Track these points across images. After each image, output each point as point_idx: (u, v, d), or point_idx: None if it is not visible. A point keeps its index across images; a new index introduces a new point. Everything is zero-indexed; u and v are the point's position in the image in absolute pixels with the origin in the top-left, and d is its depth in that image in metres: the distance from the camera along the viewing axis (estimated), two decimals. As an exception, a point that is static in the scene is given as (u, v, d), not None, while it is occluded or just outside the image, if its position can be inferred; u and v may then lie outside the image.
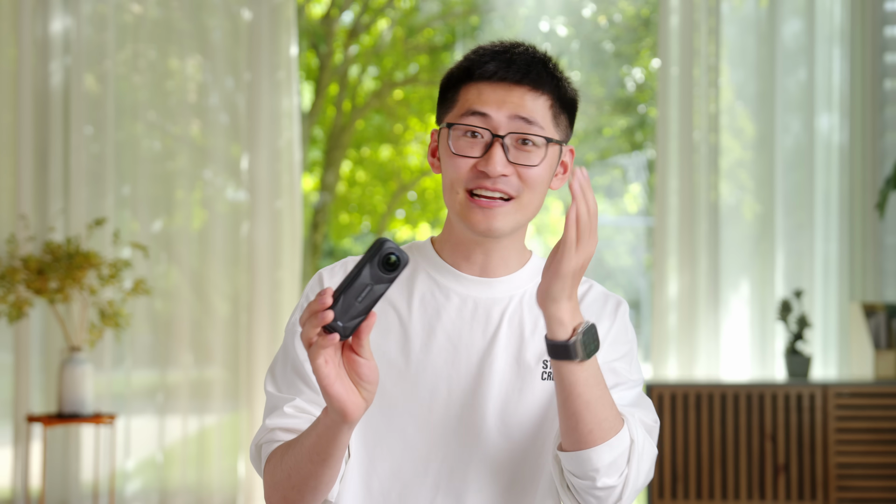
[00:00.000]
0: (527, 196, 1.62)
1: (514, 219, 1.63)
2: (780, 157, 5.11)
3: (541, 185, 1.63)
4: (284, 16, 5.18)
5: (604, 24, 7.35)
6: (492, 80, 1.61)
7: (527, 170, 1.61)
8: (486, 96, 1.61)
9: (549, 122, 1.63)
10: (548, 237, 8.47)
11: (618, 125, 8.01)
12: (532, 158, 1.61)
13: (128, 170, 5.17)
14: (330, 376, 1.39)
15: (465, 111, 1.61)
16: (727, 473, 4.50)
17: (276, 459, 1.58)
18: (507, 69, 1.61)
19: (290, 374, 1.66)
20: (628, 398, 1.65)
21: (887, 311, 4.76)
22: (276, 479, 1.57)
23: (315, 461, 1.51)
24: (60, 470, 5.03)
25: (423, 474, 1.64)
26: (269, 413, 1.65)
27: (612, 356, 1.67)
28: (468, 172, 1.61)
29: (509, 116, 1.60)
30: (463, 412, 1.64)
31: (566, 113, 1.67)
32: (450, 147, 1.62)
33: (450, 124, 1.63)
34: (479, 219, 1.61)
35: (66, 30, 5.08)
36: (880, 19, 5.14)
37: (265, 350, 5.13)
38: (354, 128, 8.69)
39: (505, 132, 1.60)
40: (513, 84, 1.61)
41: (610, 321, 1.69)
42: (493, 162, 1.59)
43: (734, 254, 5.12)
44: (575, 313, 1.48)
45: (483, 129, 1.60)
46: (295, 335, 1.68)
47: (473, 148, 1.61)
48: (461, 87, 1.64)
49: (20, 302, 4.52)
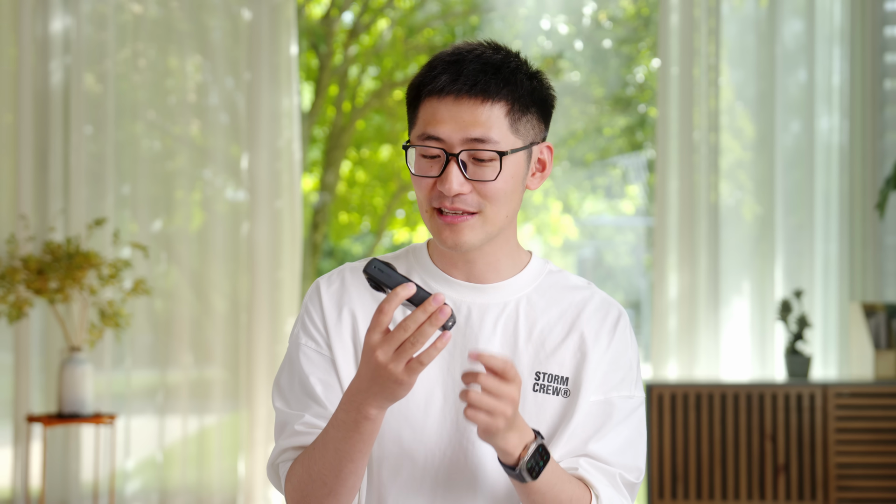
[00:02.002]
0: (490, 210, 1.62)
1: (483, 231, 1.63)
2: (780, 156, 5.11)
3: (503, 196, 1.62)
4: (284, 16, 5.18)
5: (605, 23, 7.35)
6: (441, 94, 1.60)
7: (484, 185, 1.60)
8: (440, 115, 1.60)
9: (507, 131, 1.61)
10: (548, 237, 8.47)
11: (618, 125, 8.01)
12: (488, 174, 1.60)
13: (128, 169, 5.17)
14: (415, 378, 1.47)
15: (421, 133, 1.62)
16: (727, 473, 4.50)
17: (299, 475, 1.60)
18: (454, 82, 1.60)
19: (297, 390, 1.67)
20: (618, 441, 1.66)
21: (887, 311, 4.76)
22: (305, 491, 1.59)
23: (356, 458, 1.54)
24: (60, 470, 5.03)
25: (420, 479, 1.64)
26: (280, 431, 1.66)
27: (610, 384, 1.67)
28: (430, 192, 1.62)
29: (462, 136, 1.59)
30: (459, 417, 1.64)
31: (534, 111, 1.64)
32: (411, 169, 1.65)
33: (406, 146, 1.65)
34: (446, 235, 1.62)
35: (66, 29, 5.08)
36: (880, 19, 5.14)
37: (265, 350, 5.13)
38: (354, 128, 8.69)
39: (458, 150, 1.60)
40: (462, 97, 1.60)
41: (608, 340, 1.68)
42: (448, 181, 1.59)
43: (734, 254, 5.12)
44: (521, 437, 1.52)
45: (438, 150, 1.61)
46: (299, 348, 1.68)
47: (432, 168, 1.62)
48: (418, 103, 1.64)
49: (20, 302, 4.52)
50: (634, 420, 1.67)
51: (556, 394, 1.65)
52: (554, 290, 1.71)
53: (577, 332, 1.67)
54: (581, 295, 1.71)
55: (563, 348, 1.66)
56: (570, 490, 1.58)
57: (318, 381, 1.65)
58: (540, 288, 1.70)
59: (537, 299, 1.69)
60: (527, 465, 1.51)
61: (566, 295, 1.70)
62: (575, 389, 1.65)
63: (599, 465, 1.63)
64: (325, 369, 1.66)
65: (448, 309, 1.42)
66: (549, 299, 1.69)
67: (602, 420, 1.64)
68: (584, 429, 1.64)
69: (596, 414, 1.64)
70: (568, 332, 1.67)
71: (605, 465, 1.64)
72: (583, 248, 8.80)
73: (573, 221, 8.58)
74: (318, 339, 1.68)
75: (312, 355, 1.67)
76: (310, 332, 1.69)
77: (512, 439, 1.50)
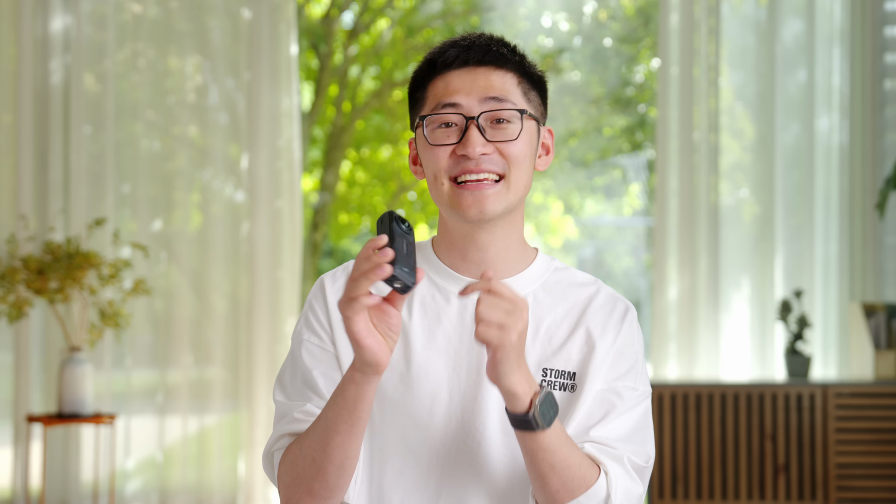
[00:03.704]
0: (514, 174, 1.62)
1: (506, 199, 1.62)
2: (780, 157, 5.11)
3: (525, 160, 1.63)
4: (284, 15, 5.18)
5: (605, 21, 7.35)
6: (455, 66, 1.62)
7: (507, 146, 1.61)
8: (454, 85, 1.61)
9: (521, 97, 1.63)
10: (548, 237, 8.47)
11: (618, 125, 8.01)
12: (510, 133, 1.61)
13: (127, 169, 5.17)
14: (363, 331, 1.43)
15: (436, 104, 1.62)
16: (727, 473, 4.50)
17: (293, 453, 1.58)
18: (467, 52, 1.63)
19: (298, 384, 1.66)
20: (624, 428, 1.63)
21: (887, 311, 4.76)
22: (297, 471, 1.57)
23: (343, 430, 1.51)
24: (60, 470, 5.03)
25: (424, 477, 1.63)
26: (279, 420, 1.66)
27: (615, 374, 1.66)
28: (448, 160, 1.61)
29: (480, 99, 1.60)
30: (464, 417, 1.63)
31: (536, 91, 1.67)
32: (426, 139, 1.62)
33: (423, 116, 1.63)
34: (468, 203, 1.60)
35: (66, 29, 5.08)
36: (880, 19, 5.14)
37: (265, 350, 5.13)
38: (354, 128, 8.69)
39: (478, 113, 1.60)
40: (476, 66, 1.62)
41: (615, 332, 1.67)
42: (471, 143, 1.59)
43: (734, 254, 5.12)
44: (529, 382, 1.49)
45: (456, 116, 1.61)
46: (302, 344, 1.68)
47: (450, 136, 1.61)
48: (428, 83, 1.64)
49: (20, 302, 4.52)
50: (640, 411, 1.66)
51: (563, 389, 1.64)
52: (560, 287, 1.70)
53: (583, 326, 1.67)
54: (587, 291, 1.71)
55: (570, 344, 1.66)
56: (578, 457, 1.55)
57: (321, 375, 1.65)
58: (546, 284, 1.70)
59: (543, 296, 1.68)
60: (539, 409, 1.48)
61: (572, 292, 1.70)
62: (580, 382, 1.64)
63: (605, 448, 1.61)
64: (329, 364, 1.66)
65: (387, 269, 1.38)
66: (555, 296, 1.69)
67: (607, 409, 1.63)
68: (588, 417, 1.63)
69: (601, 402, 1.63)
70: (574, 327, 1.67)
71: (611, 448, 1.62)
72: (583, 248, 8.80)
73: (573, 222, 8.58)
74: (322, 335, 1.68)
75: (315, 351, 1.67)
76: (313, 328, 1.68)
77: (521, 381, 1.48)
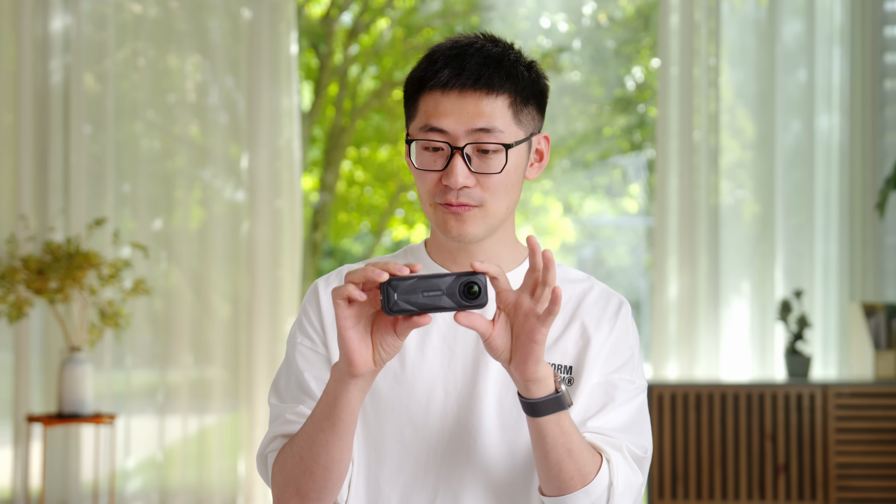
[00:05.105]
0: (492, 203, 1.61)
1: (485, 224, 1.62)
2: (780, 156, 5.11)
3: (505, 189, 1.62)
4: (284, 15, 5.18)
5: (604, 22, 7.35)
6: (445, 89, 1.60)
7: (488, 178, 1.60)
8: (443, 108, 1.60)
9: (510, 123, 1.61)
10: (547, 239, 8.46)
11: (618, 125, 8.01)
12: (494, 166, 1.60)
13: (127, 169, 5.17)
14: (349, 319, 1.43)
15: (423, 125, 1.61)
16: (727, 473, 4.50)
17: (284, 453, 1.59)
18: (458, 76, 1.60)
19: (292, 386, 1.67)
20: (621, 419, 1.64)
21: (887, 311, 4.76)
22: (286, 470, 1.58)
23: (325, 428, 1.51)
24: (60, 470, 5.03)
25: (422, 477, 1.64)
26: (272, 422, 1.66)
27: (611, 366, 1.66)
28: (434, 186, 1.61)
29: (467, 129, 1.59)
30: (460, 414, 1.64)
31: (532, 103, 1.65)
32: (413, 163, 1.63)
33: (409, 140, 1.63)
34: (452, 225, 1.61)
35: (66, 28, 5.08)
36: (880, 19, 5.14)
37: (265, 350, 5.13)
38: (354, 128, 8.69)
39: (464, 143, 1.59)
40: (467, 90, 1.60)
41: (610, 326, 1.68)
42: (454, 175, 1.58)
43: (734, 254, 5.12)
44: (548, 365, 1.51)
45: (443, 143, 1.60)
46: (296, 347, 1.69)
47: (436, 161, 1.61)
48: (419, 96, 1.63)
49: (20, 302, 4.52)
50: (636, 403, 1.66)
51: (562, 382, 1.64)
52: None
53: (577, 321, 1.67)
54: (581, 287, 1.71)
55: (565, 338, 1.67)
56: (586, 442, 1.56)
57: (313, 378, 1.66)
58: None
59: None
60: (564, 386, 1.51)
61: (566, 288, 1.70)
62: (577, 375, 1.65)
63: (605, 438, 1.62)
64: (321, 367, 1.67)
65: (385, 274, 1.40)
66: None
67: (604, 400, 1.64)
68: (586, 409, 1.63)
69: (598, 394, 1.64)
70: (569, 322, 1.67)
71: (610, 437, 1.62)
72: (583, 248, 8.80)
73: (573, 222, 8.58)
74: (315, 338, 1.69)
75: (308, 354, 1.68)
76: (307, 331, 1.69)
77: (545, 364, 1.49)
